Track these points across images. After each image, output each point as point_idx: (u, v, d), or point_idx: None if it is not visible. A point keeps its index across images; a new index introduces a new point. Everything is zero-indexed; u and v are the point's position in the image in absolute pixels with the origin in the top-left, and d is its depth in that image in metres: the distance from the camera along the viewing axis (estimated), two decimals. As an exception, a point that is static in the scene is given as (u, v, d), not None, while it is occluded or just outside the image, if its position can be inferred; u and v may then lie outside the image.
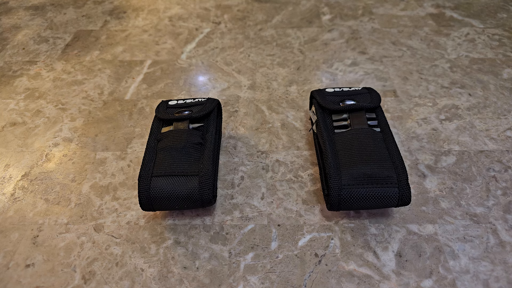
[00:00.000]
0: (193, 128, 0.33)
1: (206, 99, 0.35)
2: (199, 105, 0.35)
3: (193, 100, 0.35)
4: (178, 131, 0.32)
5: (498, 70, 0.46)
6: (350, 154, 0.30)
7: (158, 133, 0.32)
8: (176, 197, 0.28)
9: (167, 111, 0.34)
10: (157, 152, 0.31)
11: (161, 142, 0.31)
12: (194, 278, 0.27)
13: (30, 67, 0.50)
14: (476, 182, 0.33)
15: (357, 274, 0.27)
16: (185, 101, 0.35)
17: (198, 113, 0.33)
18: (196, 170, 0.29)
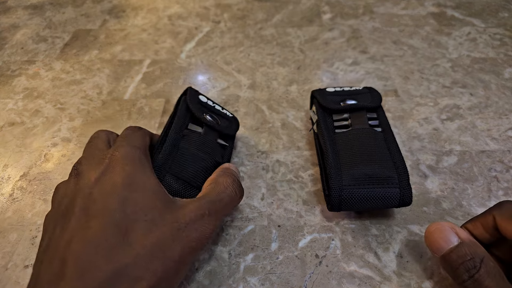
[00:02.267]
0: (219, 143, 0.31)
1: (232, 116, 0.34)
2: (226, 119, 0.33)
3: (221, 110, 0.34)
4: (210, 140, 0.30)
5: (499, 69, 0.46)
6: (351, 154, 0.30)
7: (185, 126, 0.30)
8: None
9: (199, 106, 0.32)
10: (179, 147, 0.28)
11: (187, 140, 0.29)
12: (193, 280, 0.27)
13: (28, 67, 0.49)
14: (478, 182, 0.33)
15: (358, 275, 0.27)
16: (214, 105, 0.33)
17: (227, 130, 0.32)
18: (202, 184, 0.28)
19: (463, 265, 0.21)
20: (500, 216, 0.23)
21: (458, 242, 0.22)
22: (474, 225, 0.25)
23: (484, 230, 0.24)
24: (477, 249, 0.22)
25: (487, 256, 0.21)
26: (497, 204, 0.24)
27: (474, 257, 0.21)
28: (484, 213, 0.24)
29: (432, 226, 0.24)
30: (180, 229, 0.21)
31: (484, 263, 0.21)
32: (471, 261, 0.21)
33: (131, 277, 0.18)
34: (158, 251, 0.20)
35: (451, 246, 0.22)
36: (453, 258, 0.22)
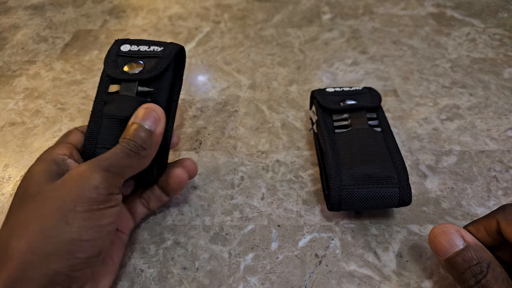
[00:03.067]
0: (141, 93, 0.28)
1: (162, 49, 0.30)
2: (153, 57, 0.29)
3: (148, 49, 0.29)
4: (125, 98, 0.27)
5: (499, 70, 0.46)
6: (350, 154, 0.30)
7: (105, 92, 0.28)
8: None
9: (117, 61, 0.29)
10: (102, 117, 0.27)
11: (107, 106, 0.27)
12: (193, 279, 0.27)
13: (29, 67, 0.49)
14: (477, 182, 0.33)
15: (357, 275, 0.27)
16: (139, 48, 0.29)
17: (148, 74, 0.28)
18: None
19: (469, 269, 0.21)
20: (504, 221, 0.22)
21: (464, 245, 0.22)
22: (476, 229, 0.24)
23: (487, 234, 0.23)
24: (483, 254, 0.21)
25: (494, 261, 0.21)
26: (501, 208, 0.23)
27: (480, 261, 0.21)
28: (487, 216, 0.24)
29: (437, 228, 0.23)
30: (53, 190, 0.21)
31: (491, 268, 0.20)
32: (477, 265, 0.20)
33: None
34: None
35: (456, 250, 0.22)
36: (459, 262, 0.21)
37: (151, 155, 0.25)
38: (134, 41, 0.30)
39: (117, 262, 0.26)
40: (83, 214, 0.20)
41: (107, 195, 0.22)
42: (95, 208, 0.21)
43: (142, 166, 0.25)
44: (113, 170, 0.22)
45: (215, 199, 0.32)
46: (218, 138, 0.38)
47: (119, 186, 0.23)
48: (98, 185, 0.21)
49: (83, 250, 0.20)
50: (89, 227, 0.20)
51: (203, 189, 0.33)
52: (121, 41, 0.30)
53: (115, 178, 0.22)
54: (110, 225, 0.22)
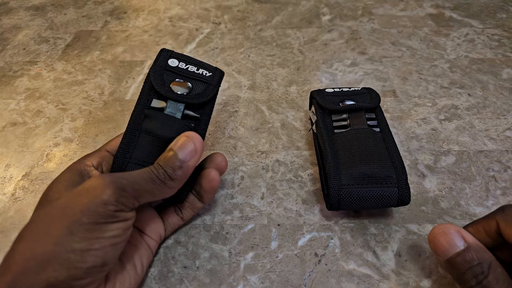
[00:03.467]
0: (186, 116, 0.28)
1: (210, 74, 0.29)
2: (202, 81, 0.28)
3: (197, 70, 0.29)
4: (172, 119, 0.26)
5: (497, 70, 0.47)
6: (349, 154, 0.30)
7: (147, 106, 0.27)
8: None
9: (165, 76, 0.28)
10: (141, 131, 0.26)
11: (148, 121, 0.26)
12: (194, 278, 0.27)
13: (30, 67, 0.50)
14: (476, 182, 0.33)
15: (356, 274, 0.27)
16: (188, 67, 0.28)
17: (198, 99, 0.27)
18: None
19: (470, 270, 0.21)
20: (504, 222, 0.22)
21: (465, 246, 0.21)
22: (476, 229, 0.24)
23: (486, 235, 0.23)
24: (484, 254, 0.21)
25: (494, 261, 0.21)
26: (500, 209, 0.23)
27: (481, 262, 0.20)
28: (486, 217, 0.24)
29: (437, 228, 0.23)
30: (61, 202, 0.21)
31: (492, 268, 0.20)
32: (478, 266, 0.20)
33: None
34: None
35: (457, 250, 0.21)
36: (460, 263, 0.21)
37: (176, 187, 0.24)
38: (182, 57, 0.29)
39: (140, 268, 0.26)
40: (88, 226, 0.20)
41: (115, 211, 0.21)
42: (101, 221, 0.21)
43: (163, 195, 0.24)
44: (130, 191, 0.22)
45: (215, 198, 0.33)
46: (219, 138, 0.39)
47: (132, 206, 0.22)
48: (108, 201, 0.21)
49: (84, 260, 0.20)
50: (92, 238, 0.20)
51: (203, 188, 0.33)
52: (168, 53, 0.29)
53: (129, 199, 0.22)
54: (115, 237, 0.21)
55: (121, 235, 0.22)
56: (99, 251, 0.20)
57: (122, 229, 0.22)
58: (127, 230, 0.22)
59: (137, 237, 0.27)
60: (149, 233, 0.27)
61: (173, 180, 0.23)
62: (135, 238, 0.27)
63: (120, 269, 0.24)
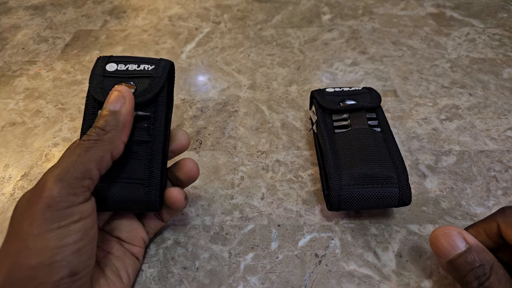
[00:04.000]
0: (138, 118, 0.25)
1: (153, 67, 0.27)
2: (145, 77, 0.26)
3: (138, 67, 0.26)
4: None
5: (498, 70, 0.46)
6: (350, 154, 0.30)
7: (93, 119, 0.25)
8: (120, 206, 0.25)
9: (104, 83, 0.26)
10: None
11: None
12: (194, 279, 0.27)
13: (29, 67, 0.50)
14: (477, 182, 0.33)
15: (357, 275, 0.27)
16: (128, 67, 0.26)
17: (143, 97, 0.25)
18: (141, 177, 0.25)
19: (472, 272, 0.20)
20: (505, 223, 0.22)
21: (466, 247, 0.21)
22: (476, 231, 0.24)
23: (487, 237, 0.23)
24: (486, 255, 0.21)
25: (496, 262, 0.21)
26: (500, 210, 0.23)
27: (483, 263, 0.20)
28: (486, 219, 0.24)
29: (438, 230, 0.23)
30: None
31: (494, 270, 0.20)
32: (480, 268, 0.20)
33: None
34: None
35: (458, 252, 0.21)
36: (461, 264, 0.21)
37: (116, 138, 0.22)
38: (120, 58, 0.27)
39: (126, 278, 0.25)
40: (42, 236, 0.19)
41: (65, 208, 0.19)
42: (55, 227, 0.19)
43: (109, 155, 0.22)
44: (70, 176, 0.20)
45: (215, 199, 0.33)
46: (218, 138, 0.38)
47: (83, 192, 0.20)
48: (50, 201, 0.19)
49: (47, 274, 0.18)
50: (51, 248, 0.19)
51: (203, 189, 0.33)
52: (105, 59, 0.27)
53: (73, 186, 0.20)
54: (77, 243, 0.19)
55: (83, 238, 0.20)
56: (63, 262, 0.19)
57: (82, 231, 0.20)
58: (90, 229, 0.21)
59: (118, 247, 0.26)
60: (131, 241, 0.26)
61: (107, 132, 0.22)
62: (117, 249, 0.26)
63: (104, 281, 0.23)
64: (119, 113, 0.23)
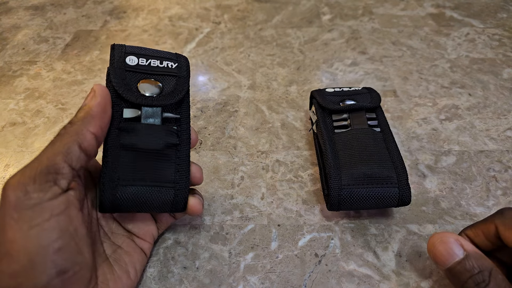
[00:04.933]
0: (166, 120, 0.25)
1: (177, 65, 0.26)
2: (170, 75, 0.25)
3: (161, 64, 0.25)
4: (153, 128, 0.24)
5: (498, 70, 0.46)
6: (350, 154, 0.30)
7: (119, 119, 0.24)
8: (144, 209, 0.24)
9: (128, 79, 0.24)
10: (121, 147, 0.23)
11: (126, 135, 0.23)
12: (194, 278, 0.27)
13: (30, 67, 0.50)
14: (476, 182, 0.33)
15: (357, 274, 0.27)
16: (150, 62, 0.25)
17: (172, 98, 0.25)
18: (171, 180, 0.24)
19: (471, 279, 0.21)
20: (503, 225, 0.22)
21: (464, 254, 0.21)
22: (475, 233, 0.24)
23: (485, 238, 0.23)
24: (484, 262, 0.21)
25: (494, 268, 0.21)
26: (499, 212, 0.23)
27: (482, 270, 0.21)
28: (485, 221, 0.24)
29: (435, 237, 0.23)
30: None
31: (493, 276, 0.20)
32: (479, 274, 0.20)
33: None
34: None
35: (457, 259, 0.21)
36: (461, 272, 0.21)
37: (83, 129, 0.21)
38: (138, 50, 0.25)
39: (133, 274, 0.25)
40: (17, 239, 0.18)
41: (33, 207, 0.18)
42: (26, 227, 0.18)
43: (77, 145, 0.21)
44: (34, 172, 0.19)
45: (215, 198, 0.33)
46: (218, 138, 0.38)
47: (49, 187, 0.19)
48: (16, 201, 0.18)
49: (34, 277, 0.18)
50: (30, 251, 0.18)
51: (203, 188, 0.33)
52: (121, 49, 0.25)
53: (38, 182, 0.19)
54: (56, 241, 0.19)
55: (61, 236, 0.19)
56: (46, 262, 0.18)
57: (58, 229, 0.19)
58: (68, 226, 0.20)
59: (129, 242, 0.26)
60: (143, 236, 0.27)
61: (73, 124, 0.21)
62: (127, 244, 0.26)
63: (111, 276, 0.23)
64: (88, 106, 0.22)
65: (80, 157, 0.21)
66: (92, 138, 0.22)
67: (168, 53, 0.27)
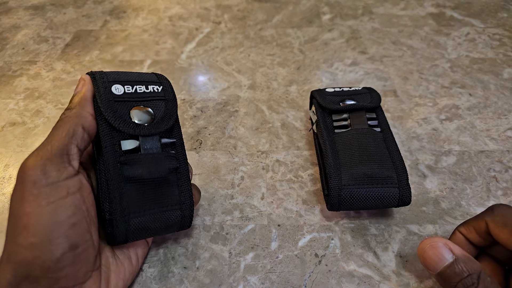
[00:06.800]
0: (164, 145, 0.25)
1: (162, 88, 0.26)
2: (157, 99, 0.25)
3: (147, 89, 0.25)
4: (155, 157, 0.24)
5: (498, 70, 0.46)
6: (350, 154, 0.30)
7: (118, 152, 0.23)
8: (154, 234, 0.25)
9: (118, 110, 0.23)
10: (125, 181, 0.23)
11: (130, 169, 0.23)
12: (194, 278, 0.27)
13: (29, 67, 0.50)
14: (477, 182, 0.33)
15: (357, 275, 0.27)
16: (135, 89, 0.25)
17: (167, 123, 0.25)
18: (177, 202, 0.25)
19: (461, 282, 0.21)
20: (492, 222, 0.23)
21: (453, 258, 0.22)
22: (467, 230, 0.25)
23: (477, 235, 0.24)
24: (473, 265, 0.22)
25: (483, 271, 0.21)
26: (489, 209, 0.24)
27: (471, 273, 0.21)
28: (476, 217, 0.24)
29: (425, 243, 0.24)
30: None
31: (482, 278, 0.21)
32: (469, 277, 0.21)
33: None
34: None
35: (446, 264, 0.22)
36: (451, 275, 0.22)
37: (83, 111, 0.22)
38: (121, 77, 0.25)
39: (135, 260, 0.26)
40: (35, 214, 0.19)
41: (51, 184, 0.20)
42: (44, 203, 0.19)
43: (81, 127, 0.22)
44: (48, 153, 0.20)
45: (215, 198, 0.33)
46: (219, 138, 0.38)
47: (64, 168, 0.21)
48: (34, 178, 0.20)
49: (48, 251, 0.19)
50: (46, 225, 0.19)
51: (203, 189, 0.33)
52: (103, 78, 0.24)
53: (53, 162, 0.20)
54: (71, 217, 0.20)
55: (76, 213, 0.20)
56: (61, 237, 0.20)
57: (73, 206, 0.20)
58: (82, 204, 0.21)
59: None
60: None
61: (72, 109, 0.23)
62: None
63: (113, 260, 0.24)
64: (81, 92, 0.24)
65: (84, 137, 0.22)
66: (92, 118, 0.23)
67: (149, 74, 0.27)
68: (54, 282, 0.20)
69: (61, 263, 0.20)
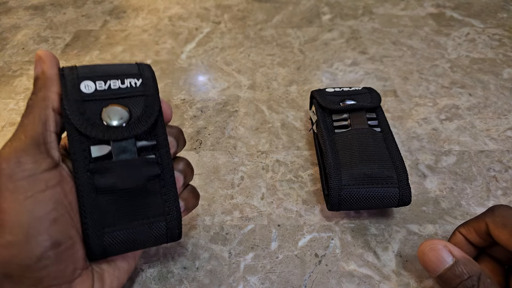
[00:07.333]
0: (142, 149, 0.22)
1: (140, 81, 0.22)
2: (135, 96, 0.22)
3: (122, 84, 0.21)
4: (129, 164, 0.21)
5: (498, 70, 0.46)
6: (350, 154, 0.30)
7: (89, 159, 0.20)
8: (138, 247, 0.22)
9: (88, 111, 0.20)
10: (97, 192, 0.20)
11: (101, 179, 0.20)
12: (194, 278, 0.27)
13: (29, 67, 0.50)
14: (477, 182, 0.33)
15: (357, 274, 0.27)
16: (109, 85, 0.21)
17: (145, 124, 0.21)
18: (161, 213, 0.22)
19: (461, 284, 0.21)
20: (492, 223, 0.23)
21: (453, 261, 0.22)
22: (467, 230, 0.25)
23: (477, 236, 0.24)
24: (473, 267, 0.22)
25: (483, 273, 0.22)
26: (489, 210, 0.24)
27: (471, 275, 0.21)
28: (477, 218, 0.24)
29: (425, 245, 0.24)
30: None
31: (482, 280, 0.21)
32: (469, 280, 0.21)
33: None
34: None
35: (446, 266, 0.22)
36: (451, 278, 0.22)
37: (49, 92, 0.20)
38: (93, 72, 0.21)
39: (130, 256, 0.24)
40: (12, 210, 0.18)
41: (28, 177, 0.18)
42: (21, 198, 0.18)
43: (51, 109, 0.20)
44: (23, 143, 0.19)
45: (215, 198, 0.33)
46: (218, 138, 0.38)
47: (43, 159, 0.19)
48: (10, 172, 0.18)
49: (28, 249, 0.18)
50: (25, 222, 0.18)
51: (203, 189, 0.33)
52: (72, 74, 0.21)
53: (29, 153, 0.19)
54: (50, 213, 0.19)
55: (56, 208, 0.19)
56: (42, 234, 0.18)
57: (53, 201, 0.19)
58: (63, 199, 0.19)
59: None
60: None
61: (37, 93, 0.20)
62: None
63: (107, 258, 0.23)
64: (43, 72, 0.21)
65: (57, 119, 0.20)
66: (58, 97, 0.21)
67: (129, 65, 0.23)
68: (38, 281, 0.18)
69: (43, 262, 0.18)
